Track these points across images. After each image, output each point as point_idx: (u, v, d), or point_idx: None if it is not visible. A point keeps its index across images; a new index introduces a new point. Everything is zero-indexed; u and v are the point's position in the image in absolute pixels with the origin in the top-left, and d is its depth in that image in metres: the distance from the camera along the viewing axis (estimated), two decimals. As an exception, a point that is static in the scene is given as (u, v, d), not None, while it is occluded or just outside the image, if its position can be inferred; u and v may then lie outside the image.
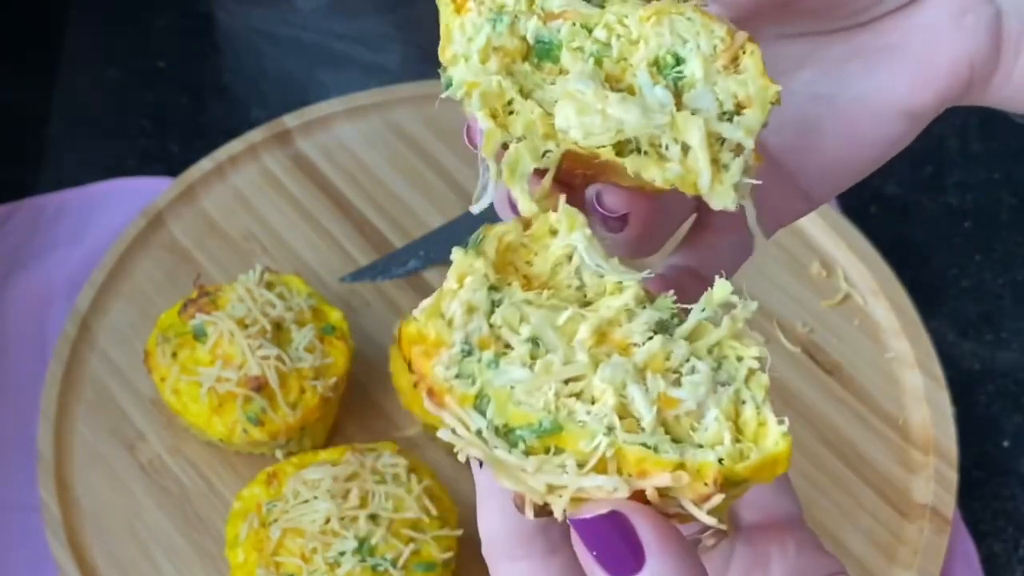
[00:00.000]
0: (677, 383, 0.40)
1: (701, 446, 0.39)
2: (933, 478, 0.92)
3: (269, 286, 0.91)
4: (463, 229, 1.00)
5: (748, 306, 0.41)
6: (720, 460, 0.39)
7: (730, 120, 0.43)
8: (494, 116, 0.43)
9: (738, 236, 0.51)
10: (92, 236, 1.03)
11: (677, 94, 0.43)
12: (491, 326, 0.41)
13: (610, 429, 0.39)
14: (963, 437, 0.94)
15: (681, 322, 0.42)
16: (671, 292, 0.43)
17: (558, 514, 0.39)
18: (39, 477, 0.90)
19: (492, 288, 0.42)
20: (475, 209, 0.43)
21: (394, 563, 0.80)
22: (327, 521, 0.80)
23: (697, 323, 0.42)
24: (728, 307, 0.42)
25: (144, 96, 1.14)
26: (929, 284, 1.04)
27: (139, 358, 0.94)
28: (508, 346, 0.41)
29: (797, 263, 1.02)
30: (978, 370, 1.01)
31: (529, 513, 0.39)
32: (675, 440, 0.40)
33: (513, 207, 0.45)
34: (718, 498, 0.38)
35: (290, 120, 1.08)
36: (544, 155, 0.43)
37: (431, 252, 1.02)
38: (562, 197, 0.44)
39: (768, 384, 0.41)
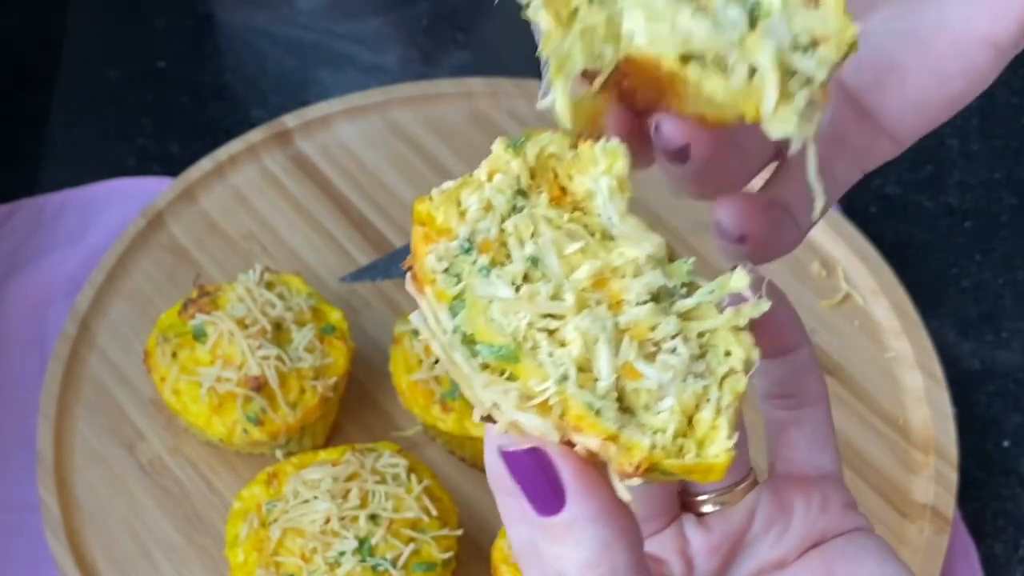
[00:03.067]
0: (652, 357, 0.39)
1: (644, 426, 0.38)
2: (933, 478, 0.92)
3: (269, 286, 0.90)
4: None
5: (759, 305, 0.40)
6: (653, 447, 0.38)
7: (804, 53, 0.41)
8: (558, 21, 0.41)
9: (824, 176, 0.48)
10: (92, 236, 1.03)
11: (752, 22, 0.41)
12: (502, 230, 0.40)
13: (563, 378, 0.38)
14: (963, 437, 0.94)
15: (688, 294, 0.40)
16: (692, 259, 0.41)
17: (497, 430, 0.39)
18: (39, 477, 0.90)
19: (520, 192, 0.41)
20: (540, 105, 0.41)
21: (394, 563, 0.80)
22: (327, 521, 0.80)
23: (699, 303, 0.40)
24: (739, 299, 0.40)
25: (144, 96, 1.14)
26: (929, 284, 1.04)
27: (139, 358, 0.94)
28: (509, 257, 0.40)
29: (797, 263, 1.02)
30: (978, 370, 1.01)
31: (476, 416, 0.39)
32: (625, 409, 0.39)
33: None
34: (636, 481, 0.38)
35: (290, 120, 1.08)
36: (600, 59, 0.41)
37: (431, 252, 1.02)
38: (610, 118, 0.42)
39: (743, 390, 0.39)
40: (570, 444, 0.38)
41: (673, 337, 0.39)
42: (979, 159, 1.13)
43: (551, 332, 0.39)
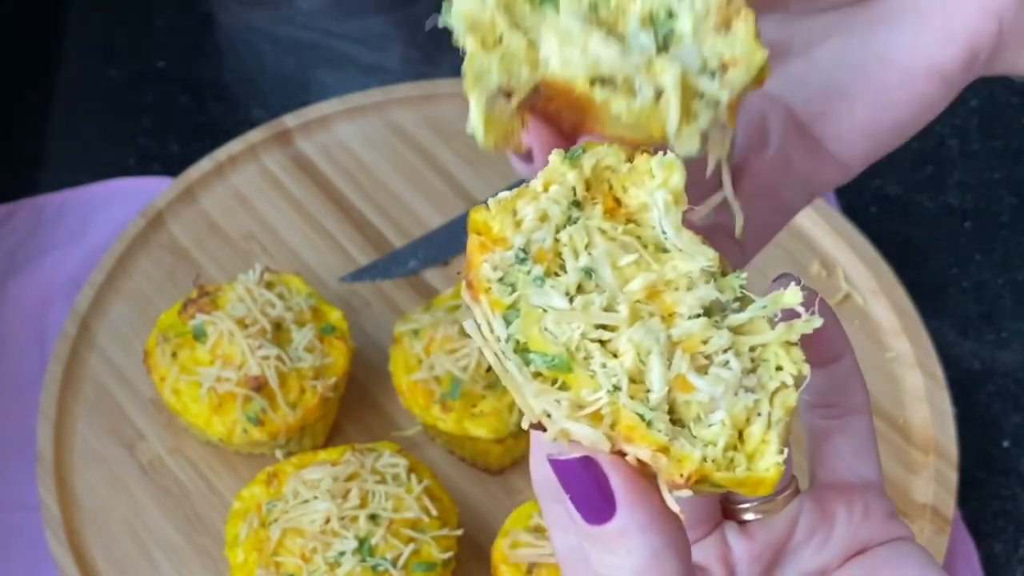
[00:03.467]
0: (704, 370, 0.40)
1: (695, 438, 0.39)
2: (933, 478, 0.92)
3: (269, 286, 0.90)
4: (463, 229, 1.00)
5: (811, 321, 0.40)
6: (704, 460, 0.38)
7: (712, 77, 0.43)
8: (483, 46, 0.43)
9: (771, 200, 0.50)
10: (92, 236, 1.03)
11: (664, 47, 0.43)
12: (556, 240, 0.41)
13: (616, 389, 0.39)
14: (963, 437, 0.94)
15: (741, 309, 0.41)
16: (744, 274, 0.41)
17: (547, 438, 0.39)
18: (39, 477, 0.90)
19: (575, 203, 0.41)
20: (468, 129, 0.44)
21: (394, 563, 0.80)
22: (327, 521, 0.80)
23: (752, 318, 0.41)
24: (791, 314, 0.40)
25: (144, 96, 1.14)
26: (929, 284, 1.04)
27: (139, 358, 0.94)
28: (563, 268, 0.40)
29: (797, 263, 1.02)
30: (978, 370, 1.01)
31: (525, 423, 0.40)
32: (676, 421, 0.39)
33: (525, 156, 0.46)
34: (686, 492, 0.38)
35: (290, 120, 1.08)
36: (517, 78, 0.43)
37: (431, 252, 1.02)
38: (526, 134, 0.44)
39: (794, 405, 0.40)
40: (620, 454, 0.39)
41: (725, 351, 0.40)
42: (979, 159, 1.12)
43: (604, 343, 0.39)
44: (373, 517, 0.81)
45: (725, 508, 0.48)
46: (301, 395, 0.88)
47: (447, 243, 1.02)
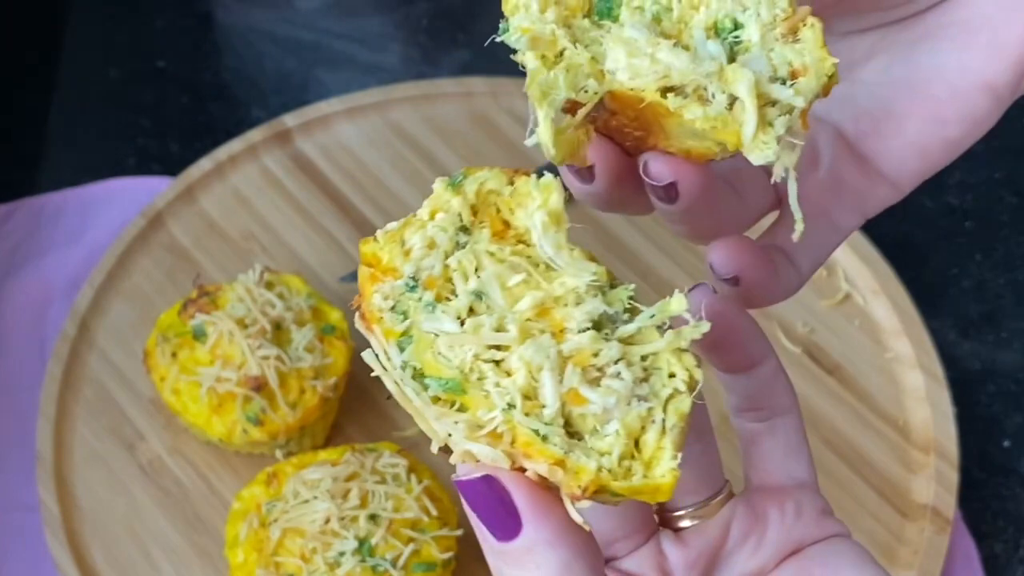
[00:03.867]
0: (596, 382, 0.40)
1: (591, 449, 0.39)
2: (934, 478, 0.92)
3: (269, 286, 0.90)
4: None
5: (699, 327, 0.40)
6: (599, 469, 0.39)
7: (783, 83, 0.43)
8: (544, 62, 0.43)
9: (823, 222, 0.50)
10: (91, 236, 1.03)
11: (731, 56, 0.43)
12: (446, 266, 0.41)
13: (510, 406, 0.39)
14: (964, 437, 0.94)
15: (630, 320, 0.41)
16: (632, 286, 0.42)
17: (454, 459, 0.40)
18: (38, 477, 0.90)
19: (463, 228, 0.42)
20: (528, 142, 0.43)
21: (394, 563, 0.80)
22: (327, 521, 0.80)
23: (641, 328, 0.41)
24: (683, 321, 0.41)
25: (144, 96, 1.14)
26: (930, 284, 1.04)
27: (138, 358, 0.94)
28: (453, 292, 0.41)
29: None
30: (979, 370, 1.01)
31: (434, 448, 0.40)
32: (572, 433, 0.40)
33: (574, 170, 0.46)
34: (586, 503, 0.39)
35: (290, 120, 1.08)
36: (583, 90, 0.43)
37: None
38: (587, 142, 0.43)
39: (687, 411, 0.40)
40: (522, 470, 0.40)
41: (616, 362, 0.40)
42: (980, 159, 1.12)
43: (497, 363, 0.40)
44: (373, 517, 0.81)
45: (661, 517, 0.49)
46: (301, 395, 0.88)
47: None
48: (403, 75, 1.14)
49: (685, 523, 0.48)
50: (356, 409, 0.95)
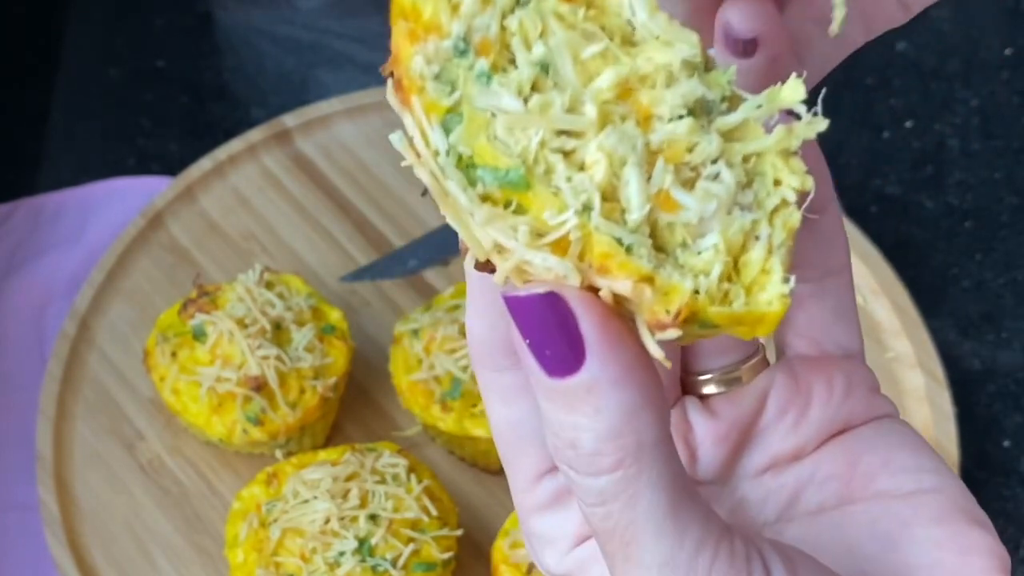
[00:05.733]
0: (690, 184, 0.33)
1: (683, 267, 0.32)
2: (934, 478, 0.92)
3: (269, 286, 0.90)
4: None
5: (816, 123, 0.33)
6: (696, 292, 0.32)
7: None
8: None
9: (825, 29, 0.42)
10: (91, 235, 1.03)
11: None
12: (503, 28, 0.33)
13: (585, 208, 0.32)
14: (964, 437, 0.94)
15: (730, 110, 0.34)
16: (733, 67, 0.34)
17: (498, 279, 0.32)
18: (38, 477, 0.90)
19: None
20: None
21: (394, 563, 0.80)
22: (327, 521, 0.80)
23: (746, 119, 0.34)
24: (792, 115, 0.34)
25: (144, 95, 1.13)
26: (930, 284, 1.04)
27: (138, 358, 0.94)
28: (513, 62, 0.33)
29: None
30: (979, 370, 1.01)
31: (468, 263, 0.33)
32: (658, 248, 0.33)
33: None
34: (673, 332, 0.32)
35: (290, 120, 1.08)
36: None
37: (431, 252, 1.02)
38: None
39: (796, 226, 0.33)
40: (592, 291, 0.32)
41: (715, 160, 0.33)
42: (980, 159, 1.12)
43: (568, 153, 0.32)
44: (373, 517, 0.81)
45: (684, 381, 0.42)
46: (301, 395, 0.88)
47: (447, 243, 1.02)
48: (403, 75, 1.13)
49: (710, 388, 0.41)
50: (356, 409, 0.95)
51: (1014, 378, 1.01)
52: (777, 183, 0.33)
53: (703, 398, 0.41)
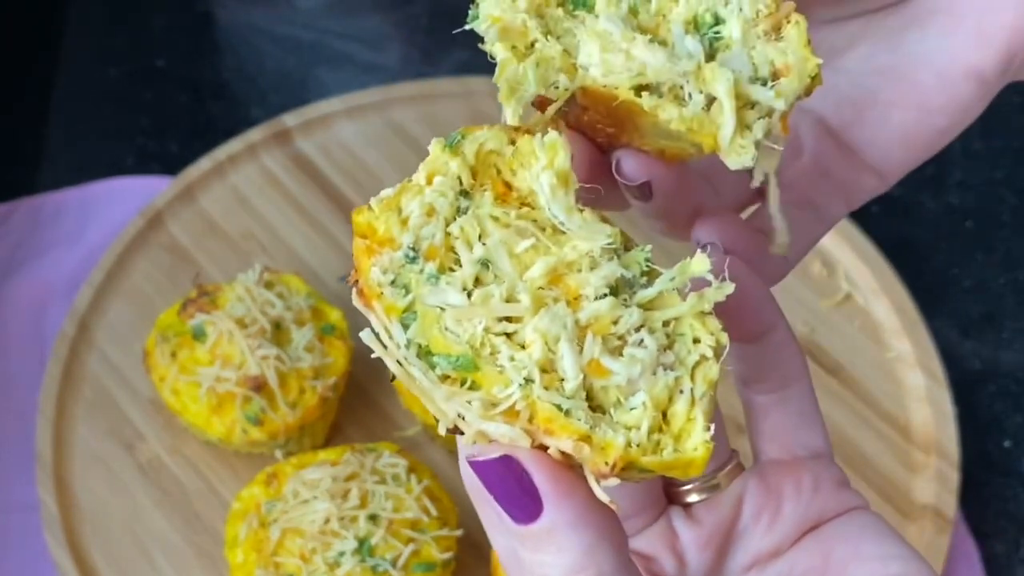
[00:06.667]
0: (618, 351, 0.37)
1: (617, 424, 0.37)
2: (935, 478, 0.92)
3: (268, 285, 0.90)
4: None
5: (723, 288, 0.38)
6: (629, 445, 0.36)
7: (763, 85, 0.40)
8: (515, 53, 0.41)
9: (808, 212, 0.48)
10: (91, 235, 1.03)
11: (711, 54, 0.41)
12: (447, 234, 0.38)
13: (528, 381, 0.37)
14: (965, 437, 0.94)
15: (649, 283, 0.39)
16: (648, 247, 0.39)
17: (465, 441, 0.37)
18: (38, 477, 0.89)
19: (463, 192, 0.39)
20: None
21: (394, 563, 0.79)
22: (327, 521, 0.80)
23: (661, 291, 0.38)
24: (702, 283, 0.38)
25: (143, 95, 1.13)
26: (931, 284, 1.04)
27: (138, 358, 0.94)
28: (458, 261, 0.38)
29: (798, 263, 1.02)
30: (980, 370, 1.01)
31: (441, 429, 0.38)
32: (595, 408, 0.37)
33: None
34: (613, 480, 0.36)
35: (289, 119, 1.08)
36: (554, 87, 0.40)
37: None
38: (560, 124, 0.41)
39: (715, 378, 0.38)
40: (542, 448, 0.37)
41: (638, 329, 0.38)
42: (980, 159, 1.12)
43: (509, 336, 0.37)
44: (373, 517, 0.81)
45: (668, 492, 0.46)
46: (301, 395, 0.88)
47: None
48: (403, 75, 1.14)
49: (693, 497, 0.45)
50: (356, 409, 0.95)
51: (1014, 378, 1.00)
52: (696, 341, 0.38)
53: (686, 507, 0.46)
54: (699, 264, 0.38)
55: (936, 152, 0.50)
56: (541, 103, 0.41)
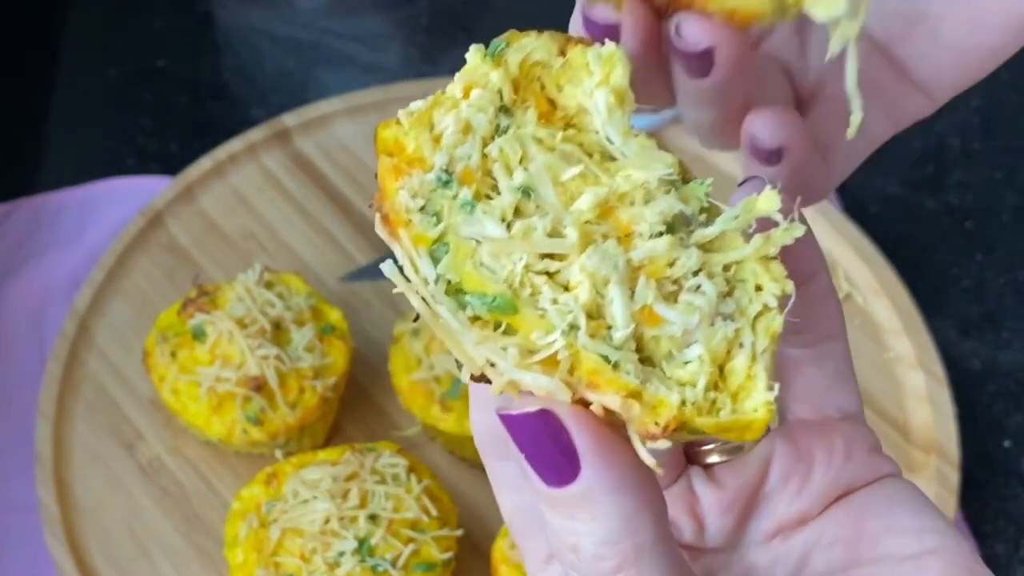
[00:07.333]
0: (672, 297, 0.34)
1: (670, 379, 0.34)
2: (934, 478, 0.92)
3: (268, 285, 0.90)
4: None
5: (792, 229, 0.34)
6: (683, 404, 0.33)
7: None
8: None
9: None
10: (91, 235, 1.03)
11: None
12: (484, 156, 0.34)
13: (572, 328, 0.33)
14: (965, 437, 0.94)
15: (708, 221, 0.35)
16: (710, 180, 0.35)
17: (493, 392, 0.33)
18: (38, 477, 0.89)
19: (503, 109, 0.35)
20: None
21: (394, 563, 0.79)
22: (327, 521, 0.80)
23: (723, 231, 0.35)
24: (767, 223, 0.34)
25: (143, 95, 1.13)
26: (930, 284, 1.04)
27: (138, 358, 0.94)
28: (496, 188, 0.34)
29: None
30: (980, 370, 1.01)
31: (464, 376, 0.34)
32: (645, 360, 0.34)
33: (589, 23, 0.39)
34: (663, 443, 0.33)
35: (289, 119, 1.08)
36: None
37: (431, 251, 1.02)
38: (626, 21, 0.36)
39: (779, 331, 0.34)
40: (583, 404, 0.33)
41: (696, 273, 0.34)
42: (980, 158, 1.12)
43: (552, 275, 0.34)
44: (373, 517, 0.81)
45: (687, 452, 0.43)
46: (301, 395, 0.88)
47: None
48: (403, 74, 1.14)
49: (714, 459, 0.42)
50: (356, 409, 0.95)
51: (1014, 378, 1.00)
52: (758, 289, 0.34)
53: (707, 468, 0.42)
54: (768, 201, 0.34)
55: (988, 72, 0.46)
56: None
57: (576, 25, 0.41)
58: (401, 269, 0.34)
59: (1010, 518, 0.94)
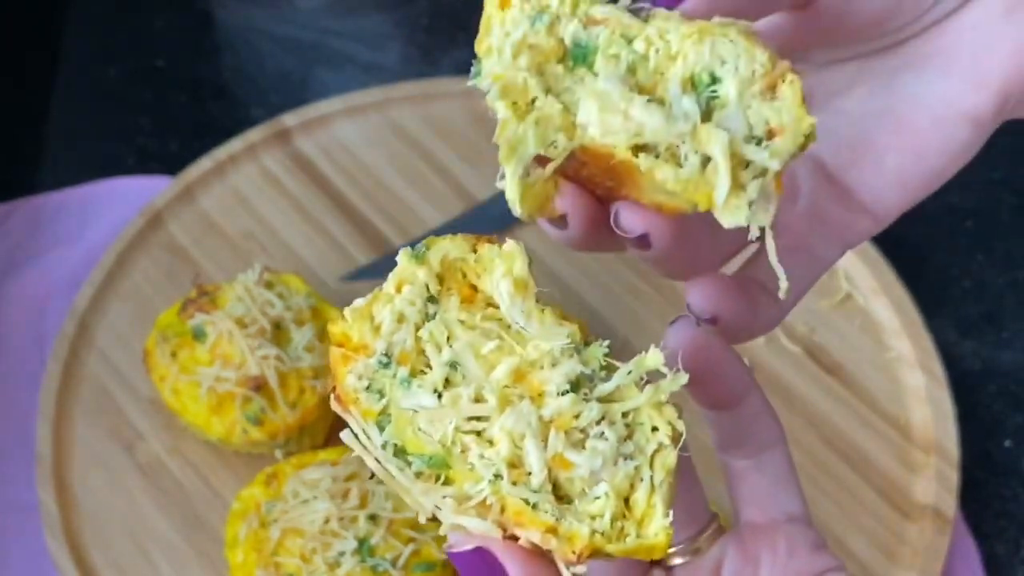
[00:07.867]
0: (581, 444, 0.40)
1: (581, 514, 0.40)
2: (934, 478, 0.92)
3: (268, 285, 0.90)
4: (463, 228, 1.00)
5: (677, 379, 0.41)
6: (593, 533, 0.39)
7: (758, 144, 0.41)
8: (516, 110, 0.42)
9: (803, 255, 0.49)
10: (91, 235, 1.03)
11: (707, 112, 0.41)
12: (417, 339, 0.41)
13: (497, 477, 0.39)
14: (965, 437, 0.94)
15: (608, 377, 0.41)
16: (606, 343, 0.42)
17: (443, 531, 0.40)
18: (37, 477, 0.90)
19: (430, 299, 0.42)
20: (498, 184, 0.42)
21: (394, 563, 0.80)
22: (327, 521, 0.80)
23: (619, 385, 0.41)
24: (658, 375, 0.41)
25: (143, 95, 1.13)
26: (930, 284, 1.04)
27: (138, 358, 0.94)
28: (428, 364, 0.41)
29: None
30: (980, 370, 1.01)
31: (421, 519, 0.40)
32: (563, 498, 0.40)
33: (558, 221, 0.44)
34: (581, 568, 0.39)
35: (289, 119, 1.08)
36: (553, 146, 0.41)
37: (431, 252, 1.02)
38: (560, 199, 0.43)
39: (674, 465, 0.40)
40: (514, 538, 0.39)
41: (598, 422, 0.40)
42: (980, 158, 1.12)
43: (479, 433, 0.40)
44: (373, 517, 0.81)
45: None
46: (300, 395, 0.88)
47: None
48: (403, 74, 1.14)
49: (676, 560, 0.47)
50: (356, 409, 0.95)
51: (1014, 378, 1.00)
52: (654, 430, 0.40)
53: (668, 569, 0.47)
54: (653, 359, 0.41)
55: (930, 192, 0.50)
56: (541, 160, 0.42)
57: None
58: (357, 436, 0.41)
59: (1010, 518, 0.94)
